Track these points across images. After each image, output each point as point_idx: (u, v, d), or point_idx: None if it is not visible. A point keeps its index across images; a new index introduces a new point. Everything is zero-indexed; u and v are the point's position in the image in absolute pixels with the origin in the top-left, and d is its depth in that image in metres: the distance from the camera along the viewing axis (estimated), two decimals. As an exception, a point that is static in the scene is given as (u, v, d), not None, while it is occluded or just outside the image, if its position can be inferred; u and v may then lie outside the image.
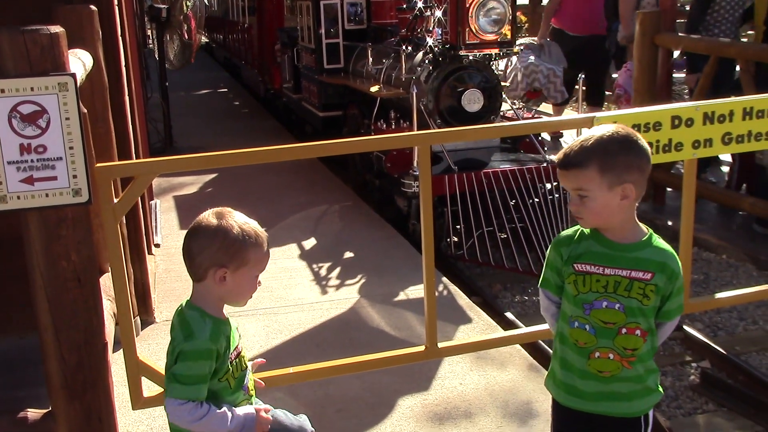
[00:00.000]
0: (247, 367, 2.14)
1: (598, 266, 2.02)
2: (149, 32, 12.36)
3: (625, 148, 1.96)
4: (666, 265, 2.01)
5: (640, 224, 2.08)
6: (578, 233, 2.09)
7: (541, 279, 2.20)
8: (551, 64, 7.86)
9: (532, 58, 7.86)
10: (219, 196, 6.78)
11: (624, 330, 2.02)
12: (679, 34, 6.28)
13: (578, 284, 2.04)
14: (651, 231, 2.07)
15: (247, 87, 14.01)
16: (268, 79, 10.93)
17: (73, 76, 2.14)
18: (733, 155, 6.29)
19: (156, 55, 9.80)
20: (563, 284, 2.11)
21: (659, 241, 2.06)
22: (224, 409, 2.00)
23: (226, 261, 1.98)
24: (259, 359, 2.34)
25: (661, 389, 2.14)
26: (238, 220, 2.01)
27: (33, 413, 2.38)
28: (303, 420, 2.32)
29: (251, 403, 2.14)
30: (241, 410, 2.05)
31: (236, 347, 2.08)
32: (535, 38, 8.67)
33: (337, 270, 4.95)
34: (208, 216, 2.01)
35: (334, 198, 6.62)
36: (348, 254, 5.25)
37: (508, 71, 7.40)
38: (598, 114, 2.89)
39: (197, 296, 2.04)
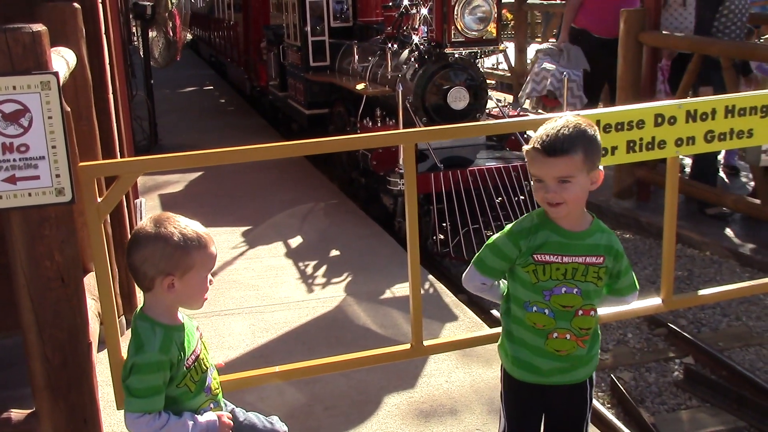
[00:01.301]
0: (208, 368, 2.10)
1: (557, 255, 2.14)
2: (134, 30, 12.30)
3: (596, 136, 2.11)
4: (611, 247, 2.17)
5: (586, 210, 2.21)
6: (534, 224, 2.18)
7: (481, 265, 2.26)
8: (569, 68, 7.30)
9: (546, 63, 7.46)
10: (205, 194, 6.76)
11: (581, 312, 2.17)
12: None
13: (538, 273, 2.15)
14: (594, 215, 2.21)
15: (233, 85, 13.97)
16: (254, 77, 10.90)
17: (56, 74, 2.13)
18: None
19: (141, 53, 9.75)
20: (507, 270, 2.22)
21: (602, 225, 2.21)
22: (185, 417, 1.98)
23: (171, 268, 1.93)
24: (218, 363, 2.30)
25: (599, 350, 2.35)
26: (179, 224, 1.95)
27: (16, 414, 2.37)
28: (274, 421, 2.32)
29: (216, 402, 2.13)
30: (203, 418, 2.03)
31: (193, 351, 2.03)
32: (553, 42, 8.23)
33: (324, 268, 4.95)
34: (147, 224, 1.95)
35: (320, 196, 6.61)
36: (334, 252, 5.25)
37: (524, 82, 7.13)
38: (582, 113, 2.90)
39: (148, 305, 2.01)
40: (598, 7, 7.22)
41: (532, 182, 2.19)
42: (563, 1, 14.36)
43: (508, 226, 2.24)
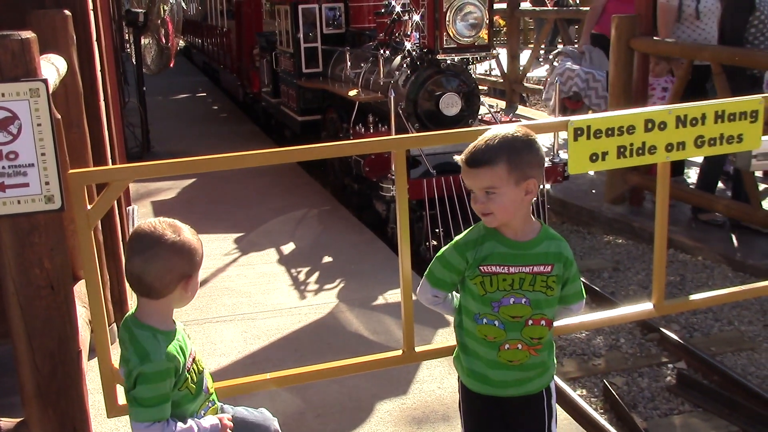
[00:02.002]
0: (203, 368, 2.14)
1: (503, 266, 2.13)
2: (127, 37, 12.30)
3: (528, 146, 2.08)
4: (561, 254, 2.16)
5: (533, 219, 2.20)
6: (480, 235, 2.17)
7: (432, 278, 2.27)
8: (593, 69, 7.37)
9: (569, 63, 7.48)
10: (197, 201, 6.75)
11: (530, 321, 2.16)
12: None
13: (485, 285, 2.14)
14: (543, 223, 2.21)
15: (226, 91, 13.96)
16: (247, 84, 10.90)
17: (45, 81, 2.13)
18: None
19: (133, 60, 9.75)
20: (457, 282, 2.22)
21: (551, 232, 2.21)
22: (190, 423, 2.00)
23: (190, 269, 2.01)
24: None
25: (555, 360, 2.32)
26: (185, 227, 2.02)
27: (6, 422, 2.36)
28: (264, 412, 2.36)
29: (212, 402, 2.16)
30: (206, 422, 2.06)
31: (190, 353, 2.06)
32: (573, 46, 8.15)
33: (316, 274, 4.95)
34: (165, 232, 1.97)
35: (312, 202, 6.61)
36: (327, 258, 5.24)
37: (546, 85, 7.00)
38: (572, 117, 2.91)
39: (148, 313, 2.01)
40: (619, 12, 7.10)
41: None
42: (555, 7, 14.46)
43: (456, 237, 2.24)
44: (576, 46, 8.12)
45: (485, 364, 2.21)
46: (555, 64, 7.88)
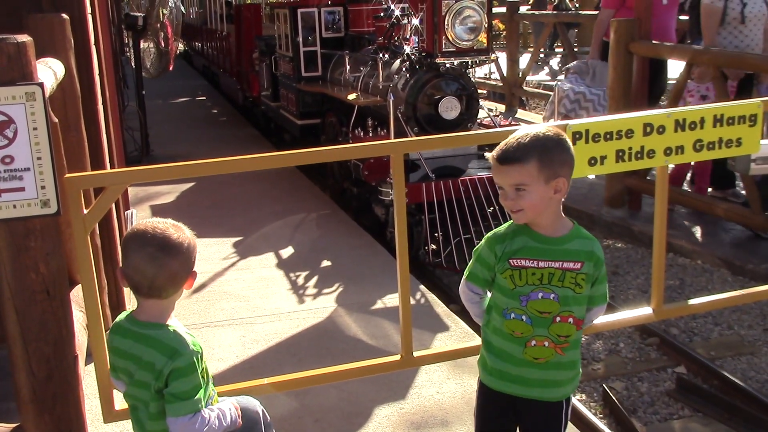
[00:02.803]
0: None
1: (533, 260, 2.15)
2: (126, 40, 12.30)
3: (559, 145, 2.12)
4: (593, 253, 2.18)
5: (565, 216, 2.21)
6: (511, 230, 2.20)
7: (467, 273, 2.30)
8: (596, 86, 7.16)
9: (567, 82, 7.36)
10: (196, 205, 6.74)
11: (558, 318, 2.17)
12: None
13: (515, 278, 2.16)
14: (575, 222, 2.22)
15: (226, 95, 13.97)
16: (246, 87, 10.91)
17: (41, 85, 2.12)
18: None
19: (132, 63, 9.75)
20: (491, 279, 2.23)
21: (584, 231, 2.23)
22: (217, 409, 2.07)
23: (193, 266, 2.07)
24: None
25: (580, 370, 2.32)
26: (181, 225, 2.07)
27: (2, 427, 2.35)
28: (247, 397, 2.43)
29: (213, 390, 2.20)
30: (224, 406, 2.13)
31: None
32: (584, 59, 7.94)
33: (315, 279, 4.93)
34: (172, 233, 2.01)
35: (311, 206, 6.60)
36: (325, 262, 5.23)
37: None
38: (571, 122, 2.91)
39: (159, 312, 2.04)
40: None
41: None
42: (554, 11, 14.48)
43: (488, 234, 2.27)
44: (587, 58, 7.98)
45: (510, 362, 2.21)
46: (558, 81, 7.78)
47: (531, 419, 2.27)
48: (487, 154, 2.18)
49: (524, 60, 11.99)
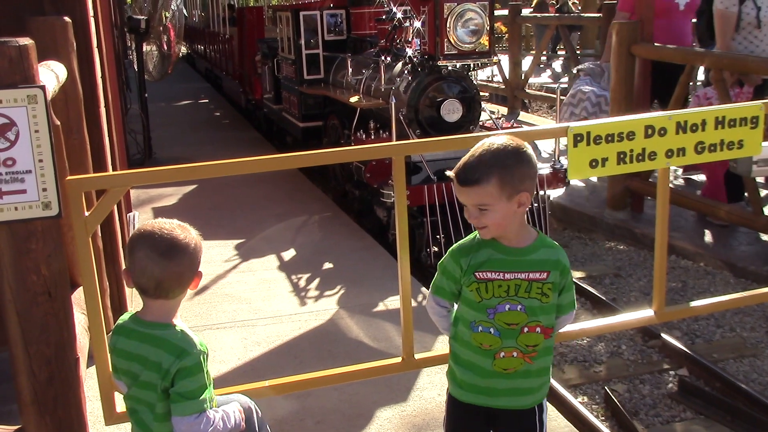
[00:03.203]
0: None
1: (499, 272, 2.13)
2: (129, 43, 12.33)
3: (519, 160, 2.07)
4: (559, 262, 2.16)
5: (528, 226, 2.20)
6: (476, 243, 2.17)
7: (433, 287, 2.28)
8: (608, 89, 6.99)
9: (584, 84, 7.30)
10: (199, 207, 6.75)
11: (526, 329, 2.15)
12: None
13: (481, 291, 2.13)
14: (539, 231, 2.21)
15: (228, 98, 14.00)
16: (249, 90, 10.93)
17: (43, 88, 2.13)
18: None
19: (135, 66, 9.77)
20: (458, 291, 2.20)
21: (548, 240, 2.21)
22: (222, 410, 2.09)
23: (199, 266, 2.07)
24: None
25: (551, 378, 2.31)
26: (186, 225, 2.07)
27: (3, 429, 2.35)
28: (238, 395, 2.44)
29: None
30: (229, 408, 2.15)
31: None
32: (594, 61, 7.94)
33: (317, 281, 4.94)
34: (179, 234, 2.01)
35: (314, 208, 6.61)
36: (327, 265, 5.24)
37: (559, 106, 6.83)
38: (572, 123, 2.91)
39: (165, 312, 2.04)
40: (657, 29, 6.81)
41: None
42: (557, 14, 14.47)
43: (452, 246, 2.24)
44: (600, 60, 7.92)
45: (478, 374, 2.19)
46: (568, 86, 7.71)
47: (505, 429, 2.25)
48: (448, 172, 2.14)
49: (526, 63, 12.00)
